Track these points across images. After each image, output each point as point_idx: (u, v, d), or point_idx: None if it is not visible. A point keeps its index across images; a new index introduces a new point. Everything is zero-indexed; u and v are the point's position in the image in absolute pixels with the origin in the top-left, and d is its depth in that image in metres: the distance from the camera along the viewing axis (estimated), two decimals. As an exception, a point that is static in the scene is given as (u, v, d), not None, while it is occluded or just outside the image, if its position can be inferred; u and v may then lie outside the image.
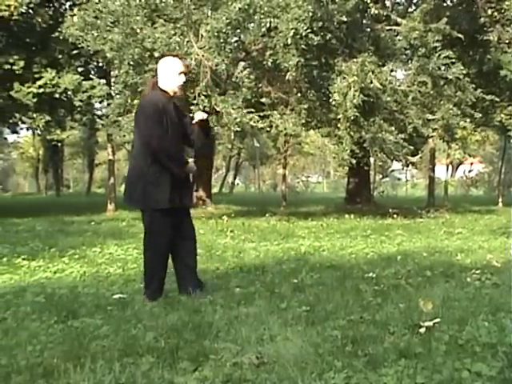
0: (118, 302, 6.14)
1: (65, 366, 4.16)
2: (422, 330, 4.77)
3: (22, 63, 23.26)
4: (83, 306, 6.00)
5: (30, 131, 38.28)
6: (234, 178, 78.24)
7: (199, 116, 6.74)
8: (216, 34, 16.83)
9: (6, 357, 4.39)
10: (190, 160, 6.55)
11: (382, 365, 4.08)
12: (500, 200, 31.49)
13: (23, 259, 9.65)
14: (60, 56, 24.65)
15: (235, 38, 18.60)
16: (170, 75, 6.55)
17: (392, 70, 19.29)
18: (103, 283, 7.45)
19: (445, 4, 22.83)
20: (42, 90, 23.58)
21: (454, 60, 18.97)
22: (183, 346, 4.57)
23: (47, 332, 5.09)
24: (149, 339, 4.72)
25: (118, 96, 19.51)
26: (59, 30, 21.25)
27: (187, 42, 17.47)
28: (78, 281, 7.74)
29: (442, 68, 19.29)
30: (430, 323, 4.85)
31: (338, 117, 17.80)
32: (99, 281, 7.64)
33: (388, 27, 19.86)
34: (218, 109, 17.70)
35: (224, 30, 16.81)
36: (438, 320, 4.92)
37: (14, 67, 23.27)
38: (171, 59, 6.77)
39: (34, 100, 23.62)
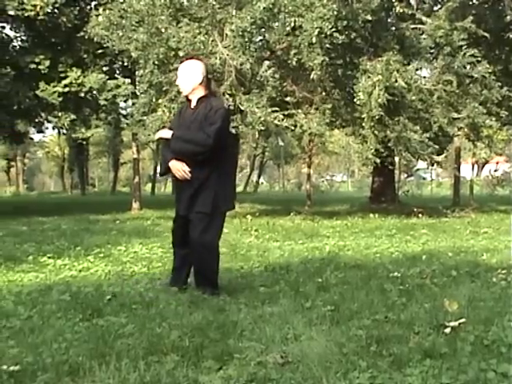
0: (142, 301, 6.16)
1: (90, 363, 4.18)
2: (448, 330, 4.75)
3: (47, 63, 23.44)
4: (108, 305, 6.03)
5: (56, 130, 38.49)
6: (259, 177, 78.32)
7: (163, 134, 6.88)
8: (240, 33, 16.83)
9: (32, 354, 4.42)
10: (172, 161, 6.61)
11: (407, 365, 4.07)
12: (526, 199, 31.26)
13: (49, 258, 9.71)
14: (85, 55, 24.79)
15: (260, 37, 18.58)
16: None
17: (417, 69, 19.23)
18: (128, 282, 7.47)
19: (470, 2, 22.71)
20: (67, 89, 23.74)
21: (479, 58, 18.86)
22: (208, 345, 4.58)
23: (72, 330, 5.12)
24: (173, 338, 4.73)
25: (142, 95, 19.53)
26: (84, 29, 21.35)
27: (212, 41, 17.50)
28: (102, 279, 7.77)
29: (468, 66, 19.19)
30: (456, 323, 4.83)
31: (363, 116, 17.75)
32: (124, 279, 7.67)
33: (413, 26, 19.77)
34: (242, 108, 17.71)
35: (248, 29, 16.81)
36: (463, 320, 4.89)
37: (40, 67, 23.45)
38: None
39: (60, 99, 23.79)
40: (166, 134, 6.76)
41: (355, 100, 17.69)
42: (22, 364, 4.21)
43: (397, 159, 25.42)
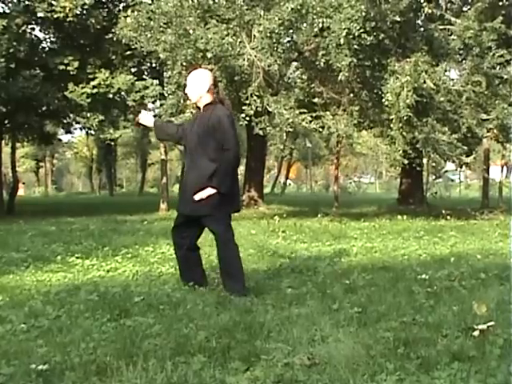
0: (170, 302, 6.18)
1: (117, 363, 4.20)
2: (476, 333, 4.71)
3: (76, 64, 23.62)
4: (136, 305, 6.05)
5: (84, 131, 38.73)
6: (286, 179, 78.24)
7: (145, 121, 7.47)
8: (268, 34, 16.84)
9: (60, 354, 4.45)
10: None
11: (435, 368, 4.05)
12: (556, 202, 30.95)
13: (77, 258, 9.77)
14: (114, 57, 24.97)
15: (288, 39, 18.57)
16: None
17: (446, 70, 19.09)
18: (155, 282, 7.50)
19: (500, 3, 22.49)
20: (95, 91, 23.92)
21: (508, 59, 18.73)
22: (235, 346, 4.58)
23: (100, 330, 5.15)
24: (200, 338, 4.74)
25: (170, 96, 19.59)
26: (113, 31, 21.51)
27: (240, 42, 17.51)
28: (130, 280, 7.80)
29: (497, 67, 19.06)
30: (484, 326, 4.78)
31: (391, 117, 17.67)
32: (151, 280, 7.69)
33: (442, 26, 19.66)
34: (270, 109, 17.71)
35: (276, 31, 16.81)
36: (492, 323, 4.85)
37: (69, 68, 23.65)
38: None
39: (88, 100, 23.96)
40: (149, 121, 7.35)
41: (383, 101, 17.63)
42: (51, 363, 4.24)
43: (425, 161, 25.31)
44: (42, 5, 22.73)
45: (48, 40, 26.75)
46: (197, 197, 6.61)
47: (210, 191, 6.58)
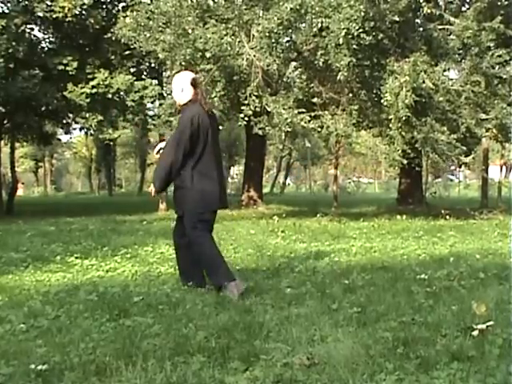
0: (169, 302, 6.18)
1: (117, 363, 4.19)
2: (475, 333, 4.70)
3: (75, 64, 23.62)
4: (135, 305, 6.05)
5: (83, 131, 38.76)
6: (285, 179, 78.23)
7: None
8: (267, 34, 16.83)
9: (59, 354, 4.45)
10: None
11: (434, 367, 4.04)
12: (555, 201, 30.91)
13: (76, 258, 9.77)
14: (113, 57, 24.98)
15: (286, 38, 18.57)
16: None
17: (445, 70, 19.08)
18: (154, 282, 7.50)
19: (499, 2, 22.46)
20: (94, 91, 23.92)
21: (507, 59, 18.73)
22: (234, 346, 4.58)
23: (99, 330, 5.15)
24: (200, 338, 4.73)
25: (169, 96, 19.62)
26: (112, 31, 21.50)
27: (238, 42, 17.51)
28: (129, 280, 7.80)
29: (496, 67, 19.06)
30: (483, 326, 4.78)
31: (390, 117, 17.66)
32: (150, 280, 7.69)
33: (441, 26, 19.64)
34: (269, 109, 17.70)
35: (275, 30, 16.81)
36: (491, 323, 4.84)
37: (68, 68, 23.65)
38: None
39: (87, 100, 23.96)
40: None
41: (382, 101, 17.61)
42: (50, 363, 4.24)
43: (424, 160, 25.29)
44: (40, 5, 22.75)
45: (47, 40, 26.77)
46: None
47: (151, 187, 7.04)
